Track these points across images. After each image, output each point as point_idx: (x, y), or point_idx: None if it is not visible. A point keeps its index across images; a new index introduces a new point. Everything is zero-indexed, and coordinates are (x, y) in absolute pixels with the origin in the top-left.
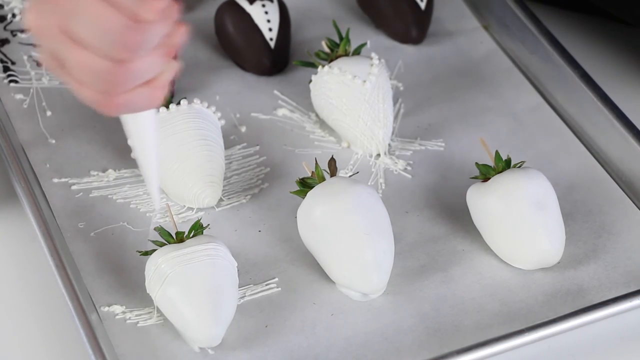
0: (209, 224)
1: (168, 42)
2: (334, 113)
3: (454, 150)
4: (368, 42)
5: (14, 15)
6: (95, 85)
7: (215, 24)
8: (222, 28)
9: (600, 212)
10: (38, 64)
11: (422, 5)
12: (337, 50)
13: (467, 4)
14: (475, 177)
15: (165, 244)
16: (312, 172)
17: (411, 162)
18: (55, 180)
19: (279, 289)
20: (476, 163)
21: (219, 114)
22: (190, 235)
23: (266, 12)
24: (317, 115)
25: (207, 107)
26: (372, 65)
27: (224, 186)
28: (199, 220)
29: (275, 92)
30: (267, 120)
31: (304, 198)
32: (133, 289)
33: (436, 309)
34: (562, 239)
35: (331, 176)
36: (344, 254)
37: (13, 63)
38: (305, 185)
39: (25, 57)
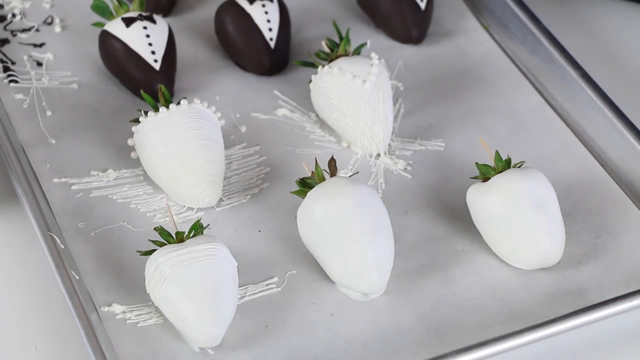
0: (209, 224)
1: None
2: (334, 113)
3: (454, 150)
4: (368, 42)
5: (14, 15)
6: None
7: (215, 24)
8: (222, 28)
9: (600, 212)
10: (38, 64)
11: (422, 5)
12: (337, 50)
13: (467, 4)
14: (475, 177)
15: (165, 244)
16: (312, 172)
17: (411, 162)
18: (55, 180)
19: (279, 289)
20: (476, 163)
21: (219, 114)
22: (190, 235)
23: (266, 12)
24: (317, 115)
25: (207, 107)
26: (372, 65)
27: (224, 186)
28: (199, 220)
29: (275, 92)
30: (267, 120)
31: (304, 198)
32: (133, 289)
33: (436, 309)
34: (562, 239)
35: (331, 176)
36: (344, 253)
37: (13, 63)
38: (305, 185)
39: (25, 57)
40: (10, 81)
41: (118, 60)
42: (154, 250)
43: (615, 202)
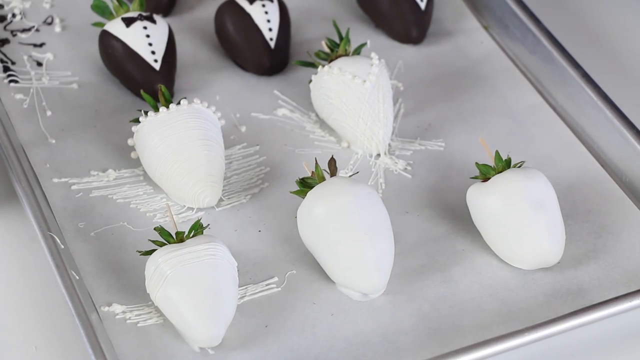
0: (209, 224)
1: None
2: (334, 113)
3: (454, 150)
4: (368, 42)
5: (14, 15)
6: None
7: (215, 24)
8: (222, 28)
9: (600, 212)
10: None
11: (422, 5)
12: (337, 50)
13: (467, 4)
14: (475, 177)
15: (165, 244)
16: (312, 172)
17: (411, 162)
18: (55, 180)
19: (279, 289)
20: (476, 163)
21: (219, 114)
22: (190, 235)
23: (266, 12)
24: (317, 115)
25: (207, 107)
26: (372, 65)
27: (224, 186)
28: (199, 220)
29: (275, 92)
30: (267, 120)
31: (304, 198)
32: (133, 289)
33: (436, 309)
34: (562, 239)
35: (331, 176)
36: (344, 253)
37: (13, 63)
38: (305, 185)
39: (25, 57)
40: (10, 81)
41: (118, 60)
42: (154, 250)
43: (615, 202)
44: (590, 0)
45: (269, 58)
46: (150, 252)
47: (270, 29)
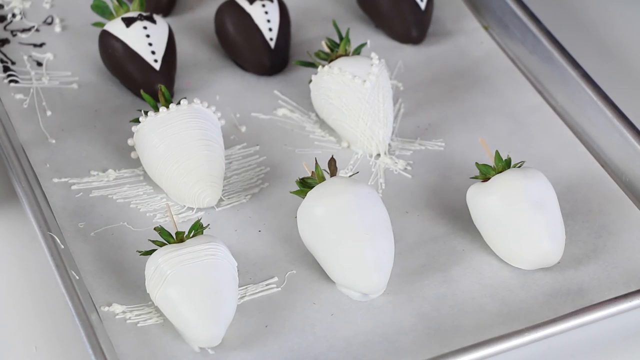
0: (209, 224)
1: None
2: (334, 113)
3: (454, 150)
4: (368, 42)
5: (14, 15)
6: None
7: (215, 24)
8: (222, 28)
9: (600, 212)
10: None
11: (422, 5)
12: (337, 50)
13: (467, 4)
14: (475, 177)
15: (165, 244)
16: (312, 172)
17: (411, 162)
18: (55, 180)
19: (279, 289)
20: (476, 163)
21: (219, 114)
22: (190, 235)
23: (266, 12)
24: (317, 115)
25: (207, 107)
26: (372, 65)
27: (224, 186)
28: (199, 220)
29: (275, 92)
30: (267, 120)
31: (304, 198)
32: (133, 289)
33: (436, 309)
34: (562, 239)
35: (331, 176)
36: (344, 253)
37: (13, 63)
38: (305, 185)
39: (25, 57)
40: (10, 81)
41: (118, 60)
42: (154, 250)
43: (615, 202)
44: (590, 0)
45: (269, 58)
46: (150, 252)
47: (270, 29)
